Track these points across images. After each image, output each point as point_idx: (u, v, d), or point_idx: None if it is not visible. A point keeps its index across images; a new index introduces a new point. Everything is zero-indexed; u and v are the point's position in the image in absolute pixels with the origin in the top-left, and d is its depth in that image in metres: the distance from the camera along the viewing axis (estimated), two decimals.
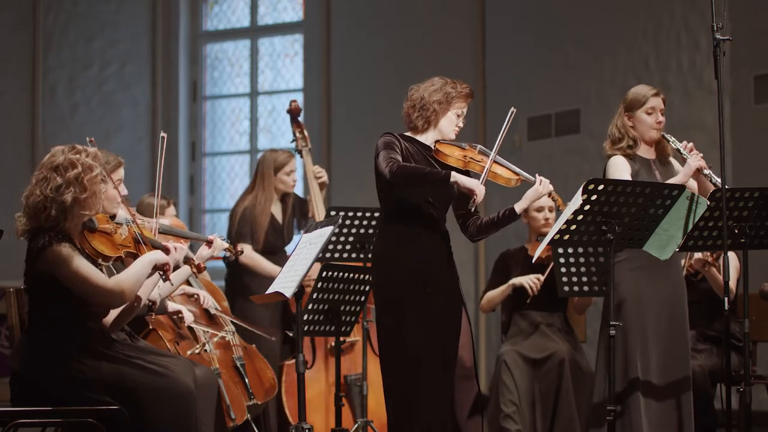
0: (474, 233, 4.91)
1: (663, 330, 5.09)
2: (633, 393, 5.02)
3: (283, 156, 6.57)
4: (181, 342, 5.38)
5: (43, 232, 4.18)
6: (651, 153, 5.24)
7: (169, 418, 4.18)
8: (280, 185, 6.54)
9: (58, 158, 4.23)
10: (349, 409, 6.25)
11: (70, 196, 4.17)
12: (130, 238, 4.36)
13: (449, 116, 4.86)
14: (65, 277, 4.14)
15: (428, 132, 4.89)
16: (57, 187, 4.17)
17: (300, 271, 4.77)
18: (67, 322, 4.24)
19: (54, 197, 4.17)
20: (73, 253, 4.15)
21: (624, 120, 5.23)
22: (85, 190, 4.19)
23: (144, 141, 10.16)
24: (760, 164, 7.50)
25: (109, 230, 4.33)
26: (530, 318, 6.38)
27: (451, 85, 4.86)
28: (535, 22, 8.80)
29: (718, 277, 5.70)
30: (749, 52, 7.54)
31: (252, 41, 10.29)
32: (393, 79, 9.31)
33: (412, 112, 4.89)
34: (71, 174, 4.18)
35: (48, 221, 4.18)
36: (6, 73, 9.95)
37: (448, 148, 4.85)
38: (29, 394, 4.24)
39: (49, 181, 4.19)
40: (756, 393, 5.09)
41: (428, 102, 4.84)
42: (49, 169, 4.22)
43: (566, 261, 6.04)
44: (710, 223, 4.81)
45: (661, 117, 5.21)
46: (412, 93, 4.90)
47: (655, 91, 5.24)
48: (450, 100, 4.84)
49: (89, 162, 4.23)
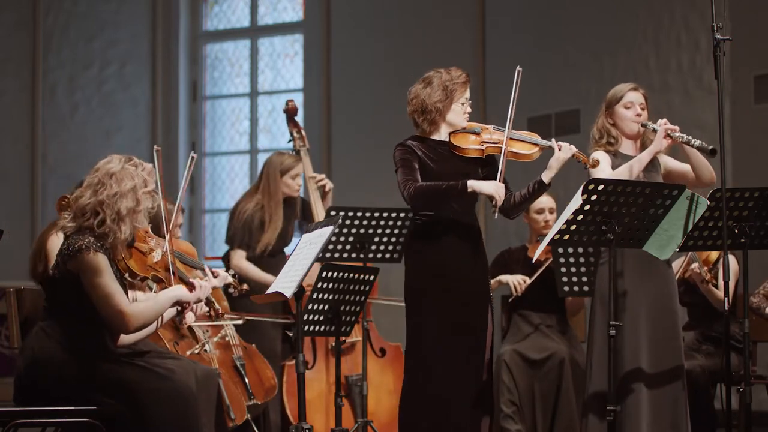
0: (509, 210, 4.91)
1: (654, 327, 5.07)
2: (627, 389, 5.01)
3: (290, 160, 6.55)
4: (180, 342, 5.38)
5: (88, 234, 4.18)
6: (634, 150, 5.20)
7: (170, 418, 4.18)
8: (284, 189, 6.52)
9: (115, 167, 4.24)
10: (350, 410, 6.25)
11: (125, 206, 4.18)
12: (162, 263, 4.38)
13: (454, 109, 4.88)
14: (90, 284, 4.16)
15: (439, 130, 4.90)
16: (113, 194, 4.18)
17: (300, 271, 4.77)
18: (83, 325, 4.25)
19: (109, 203, 4.17)
20: (106, 267, 4.16)
21: (603, 119, 5.20)
22: (139, 204, 4.21)
23: (144, 141, 10.15)
24: (760, 164, 7.50)
25: (144, 249, 4.35)
26: (529, 319, 6.38)
27: (447, 77, 4.86)
28: (535, 22, 8.80)
29: (716, 293, 5.70)
30: (749, 52, 7.54)
31: (252, 41, 10.29)
32: (393, 79, 9.31)
33: (417, 117, 4.90)
34: (127, 185, 4.20)
35: (99, 226, 4.18)
36: (6, 73, 9.95)
37: (463, 139, 4.84)
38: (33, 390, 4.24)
39: (105, 186, 4.19)
40: (756, 393, 5.09)
41: (429, 104, 4.84)
42: (105, 175, 4.22)
43: (566, 261, 6.04)
44: (710, 223, 4.81)
45: (640, 110, 5.16)
46: (412, 97, 4.90)
47: (633, 86, 5.20)
48: (450, 95, 4.85)
49: (145, 176, 4.26)
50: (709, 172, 5.04)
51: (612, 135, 5.16)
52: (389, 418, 6.27)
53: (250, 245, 6.41)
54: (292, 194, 6.57)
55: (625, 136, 5.16)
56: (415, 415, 4.81)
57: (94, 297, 4.17)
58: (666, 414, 4.98)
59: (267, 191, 6.48)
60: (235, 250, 6.43)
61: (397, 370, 6.40)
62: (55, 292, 4.30)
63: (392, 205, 6.02)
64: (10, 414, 4.21)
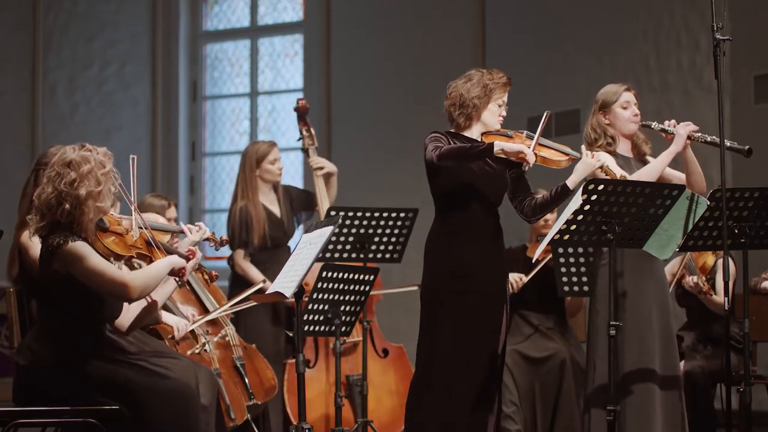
0: (529, 213, 4.92)
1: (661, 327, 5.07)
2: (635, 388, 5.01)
3: (264, 146, 6.56)
4: (181, 342, 5.38)
5: (59, 230, 4.19)
6: (628, 150, 5.20)
7: (169, 417, 4.18)
8: (267, 175, 6.51)
9: (69, 155, 4.26)
10: (351, 409, 6.25)
11: (85, 190, 4.18)
12: (141, 240, 4.39)
13: (490, 108, 4.88)
14: (82, 273, 4.16)
15: (472, 127, 4.90)
16: (71, 181, 4.20)
17: (300, 272, 4.77)
18: (79, 323, 4.25)
19: (68, 191, 4.19)
20: (89, 250, 4.17)
21: (599, 118, 5.18)
22: (99, 184, 4.22)
23: (144, 141, 10.16)
24: (760, 164, 7.49)
25: (120, 231, 4.35)
26: (529, 320, 6.39)
27: (488, 76, 4.86)
28: (535, 22, 8.80)
29: (715, 301, 5.70)
30: (749, 52, 7.54)
31: (252, 41, 10.28)
32: (393, 79, 9.32)
33: (453, 111, 4.90)
34: (84, 169, 4.21)
35: (63, 216, 4.19)
36: (6, 73, 9.95)
37: (496, 139, 4.85)
38: (32, 390, 4.24)
39: (62, 176, 4.21)
40: (756, 393, 5.09)
41: (467, 99, 4.84)
42: (62, 166, 4.24)
43: (566, 261, 6.04)
44: (710, 223, 4.81)
45: (636, 110, 5.17)
46: (451, 91, 4.90)
47: (626, 86, 5.20)
48: (489, 93, 4.85)
49: (101, 158, 4.27)
50: (702, 182, 5.04)
51: (609, 135, 5.15)
52: (390, 419, 6.27)
53: (247, 242, 6.41)
54: (276, 179, 6.55)
55: (622, 136, 5.16)
56: (423, 412, 4.82)
57: (92, 281, 4.17)
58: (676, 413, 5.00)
59: (244, 182, 6.49)
60: (235, 251, 6.44)
61: (399, 371, 6.40)
62: (47, 294, 4.30)
63: (392, 205, 6.02)
64: (10, 414, 4.21)
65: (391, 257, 5.94)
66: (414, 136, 8.77)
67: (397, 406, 6.24)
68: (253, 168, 6.47)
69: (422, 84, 9.08)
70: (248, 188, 6.46)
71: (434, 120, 5.19)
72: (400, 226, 5.87)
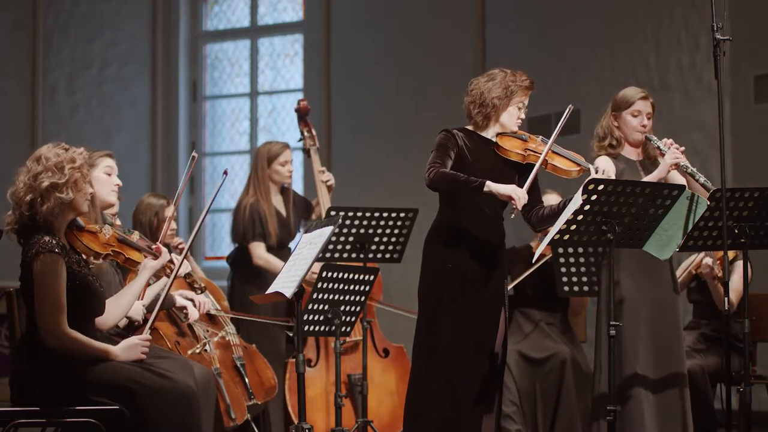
0: (536, 223, 4.92)
1: (655, 329, 5.08)
2: (631, 390, 5.02)
3: (277, 147, 6.56)
4: (181, 341, 5.38)
5: (34, 232, 4.19)
6: (636, 155, 5.23)
7: (170, 418, 4.18)
8: (275, 176, 6.52)
9: (42, 152, 4.31)
10: (351, 409, 6.26)
11: (48, 181, 4.20)
12: (113, 238, 4.44)
13: (510, 110, 4.87)
14: (38, 283, 4.16)
15: (489, 127, 4.89)
16: (36, 174, 4.23)
17: (300, 271, 4.78)
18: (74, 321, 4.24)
19: (32, 183, 4.22)
20: (58, 271, 4.16)
21: (610, 120, 5.23)
22: (65, 177, 4.22)
23: (144, 141, 10.16)
24: (760, 164, 7.50)
25: (94, 230, 4.41)
26: (530, 316, 6.39)
27: (511, 78, 4.84)
28: (535, 22, 8.80)
29: (721, 291, 5.69)
30: (749, 52, 7.54)
31: (252, 41, 10.28)
32: (393, 79, 9.32)
33: (472, 108, 4.88)
34: (52, 162, 4.24)
35: (27, 209, 4.21)
36: (6, 73, 9.94)
37: (510, 141, 4.84)
38: (29, 393, 4.24)
39: (30, 170, 4.26)
40: (756, 393, 5.09)
41: (487, 98, 4.82)
42: (32, 161, 4.29)
43: (566, 261, 6.04)
44: (710, 223, 4.81)
45: (647, 120, 5.17)
46: (472, 88, 4.88)
47: (644, 94, 5.22)
48: (510, 95, 4.84)
49: (72, 155, 4.28)
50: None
51: (615, 137, 5.18)
52: (390, 419, 6.28)
53: (263, 234, 6.41)
54: (285, 181, 6.56)
55: (627, 143, 5.19)
56: (421, 408, 4.82)
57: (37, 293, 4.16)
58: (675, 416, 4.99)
59: (256, 181, 6.50)
60: (252, 244, 6.40)
61: (400, 370, 6.41)
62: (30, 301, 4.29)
63: (392, 205, 6.02)
64: (10, 414, 4.21)
65: (391, 257, 5.94)
66: (414, 136, 8.83)
67: (397, 406, 6.24)
68: (264, 167, 6.49)
69: (422, 84, 9.09)
70: (260, 186, 6.47)
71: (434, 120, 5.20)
72: (400, 226, 5.87)
